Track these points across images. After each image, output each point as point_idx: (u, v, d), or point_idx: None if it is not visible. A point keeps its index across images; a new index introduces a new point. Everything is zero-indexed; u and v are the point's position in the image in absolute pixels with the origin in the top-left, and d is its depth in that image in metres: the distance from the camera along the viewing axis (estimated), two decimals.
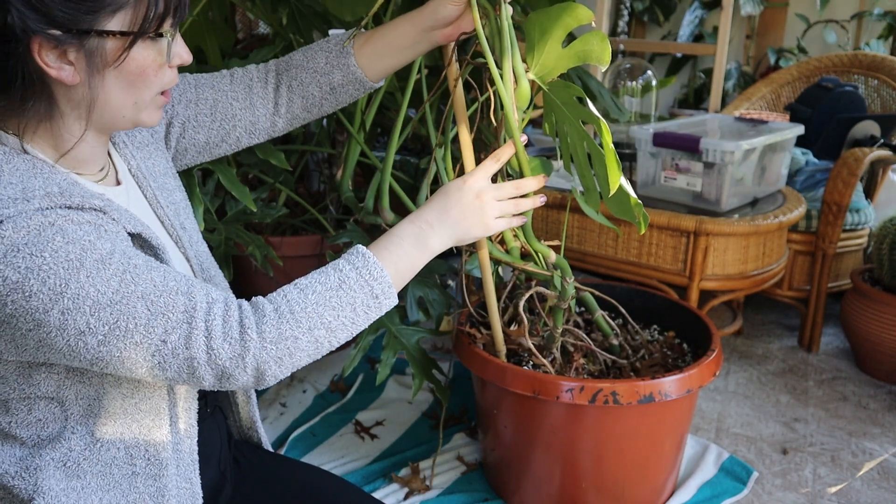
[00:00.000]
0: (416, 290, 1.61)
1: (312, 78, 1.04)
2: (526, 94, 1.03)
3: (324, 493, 1.03)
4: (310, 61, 1.04)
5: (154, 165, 0.96)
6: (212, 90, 1.03)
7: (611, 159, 0.95)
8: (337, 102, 1.07)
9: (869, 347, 1.97)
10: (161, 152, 0.99)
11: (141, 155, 0.94)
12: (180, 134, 1.02)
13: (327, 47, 1.04)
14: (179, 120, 1.01)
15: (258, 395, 1.87)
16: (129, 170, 0.92)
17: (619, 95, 2.19)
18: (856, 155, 1.99)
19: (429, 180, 1.45)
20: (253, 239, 1.75)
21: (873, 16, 3.22)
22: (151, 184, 0.93)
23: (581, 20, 0.98)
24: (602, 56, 0.99)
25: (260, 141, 1.10)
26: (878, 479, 1.58)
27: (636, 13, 3.76)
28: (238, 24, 2.85)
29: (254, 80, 1.05)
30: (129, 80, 0.79)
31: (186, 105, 1.01)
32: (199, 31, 1.76)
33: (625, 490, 1.37)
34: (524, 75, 1.02)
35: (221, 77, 1.05)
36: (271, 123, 1.07)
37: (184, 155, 1.05)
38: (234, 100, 1.04)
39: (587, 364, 1.44)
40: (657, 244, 1.80)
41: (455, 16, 0.99)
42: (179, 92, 1.01)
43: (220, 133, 1.05)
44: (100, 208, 0.76)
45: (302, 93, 1.05)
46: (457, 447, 1.64)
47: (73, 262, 0.71)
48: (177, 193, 0.98)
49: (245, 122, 1.05)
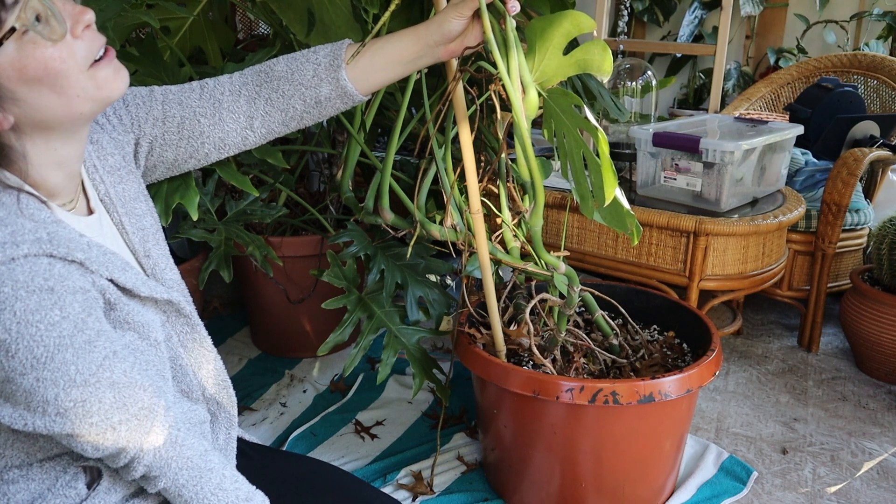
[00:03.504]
0: (416, 290, 1.61)
1: (296, 90, 1.01)
2: (534, 104, 1.03)
3: (332, 485, 1.03)
4: (295, 73, 1.01)
5: (125, 190, 0.93)
6: (179, 107, 1.00)
7: (607, 170, 0.96)
8: (319, 116, 1.04)
9: (868, 347, 1.97)
10: (132, 175, 0.96)
11: (111, 179, 0.92)
12: (148, 152, 1.00)
13: (315, 59, 1.01)
14: (147, 139, 0.99)
15: (257, 396, 1.88)
16: (99, 195, 0.90)
17: (619, 95, 2.19)
18: (855, 155, 1.99)
19: (428, 180, 1.45)
20: (253, 239, 1.75)
21: (873, 16, 3.22)
22: (119, 209, 0.91)
23: (582, 28, 0.98)
24: (602, 66, 0.99)
25: (230, 155, 1.07)
26: (877, 478, 1.59)
27: (636, 13, 3.76)
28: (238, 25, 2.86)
29: (224, 94, 1.01)
30: (43, 83, 0.74)
31: (153, 124, 0.98)
32: (199, 31, 1.77)
33: (625, 490, 1.37)
34: (532, 85, 1.02)
35: (191, 91, 1.01)
36: (242, 138, 1.04)
37: (153, 171, 1.03)
38: (201, 116, 1.00)
39: (587, 364, 1.44)
40: (657, 244, 1.80)
41: (460, 30, 0.97)
42: (146, 111, 0.98)
43: (188, 150, 1.02)
44: (81, 262, 0.76)
45: (282, 106, 1.02)
46: (457, 447, 1.64)
47: (64, 338, 0.72)
48: (146, 218, 0.96)
49: (213, 138, 1.02)
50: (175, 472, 0.81)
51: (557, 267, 1.31)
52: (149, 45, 1.46)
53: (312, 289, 1.94)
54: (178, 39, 1.75)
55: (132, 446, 0.78)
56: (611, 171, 0.96)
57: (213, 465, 0.84)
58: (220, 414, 0.99)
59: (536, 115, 1.05)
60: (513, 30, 0.99)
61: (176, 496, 0.82)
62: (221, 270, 1.67)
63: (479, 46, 1.00)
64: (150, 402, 0.78)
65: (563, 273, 1.32)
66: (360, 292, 1.59)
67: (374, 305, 1.57)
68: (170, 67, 1.47)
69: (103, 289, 0.79)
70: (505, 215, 1.45)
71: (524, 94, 1.02)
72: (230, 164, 1.41)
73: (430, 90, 1.61)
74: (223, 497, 0.83)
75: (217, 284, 2.43)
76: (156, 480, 0.81)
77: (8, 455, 0.81)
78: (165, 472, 0.81)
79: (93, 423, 0.75)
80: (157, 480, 0.81)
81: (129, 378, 0.77)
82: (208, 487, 0.83)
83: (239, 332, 2.23)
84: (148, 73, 1.43)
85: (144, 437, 0.78)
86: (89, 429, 0.75)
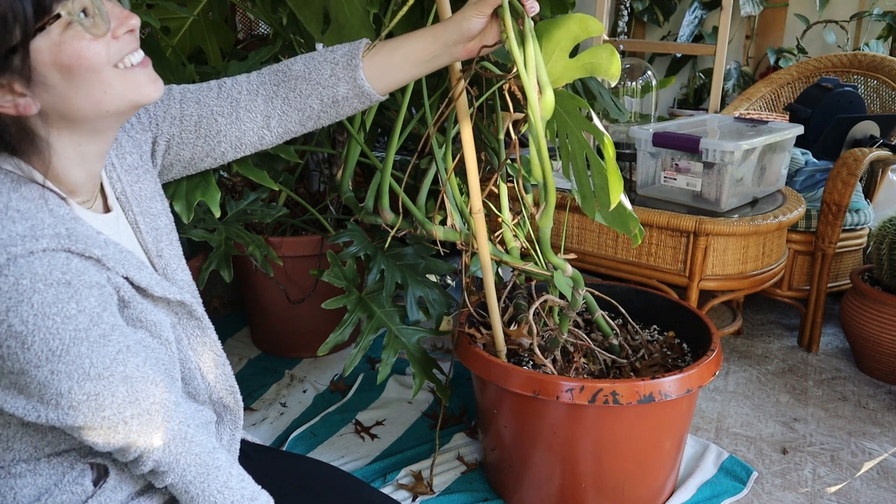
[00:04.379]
0: (416, 290, 1.61)
1: (314, 90, 1.01)
2: (551, 104, 1.02)
3: (331, 486, 1.03)
4: (312, 72, 1.01)
5: (141, 189, 0.94)
6: (196, 105, 1.00)
7: (613, 174, 0.96)
8: (337, 115, 1.04)
9: (868, 347, 1.97)
10: (149, 174, 0.97)
11: (129, 178, 0.92)
12: (165, 150, 1.00)
13: (332, 58, 1.01)
14: (164, 137, 0.99)
15: (257, 396, 1.88)
16: (115, 193, 0.91)
17: (619, 95, 2.19)
18: (855, 155, 1.99)
19: (428, 180, 1.45)
20: (253, 239, 1.75)
21: (873, 16, 3.22)
22: (135, 208, 0.92)
23: (591, 32, 0.98)
24: (610, 70, 0.98)
25: (247, 154, 1.07)
26: (877, 478, 1.59)
27: (636, 13, 3.76)
28: (238, 25, 2.86)
29: (242, 94, 1.02)
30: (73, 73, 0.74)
31: (171, 122, 0.99)
32: (199, 31, 1.77)
33: (625, 490, 1.37)
34: (549, 85, 1.01)
35: (209, 90, 1.02)
36: (259, 138, 1.04)
37: (169, 170, 1.04)
38: (218, 115, 1.01)
39: (587, 364, 1.44)
40: (657, 244, 1.81)
41: (479, 29, 0.97)
42: (164, 109, 0.98)
43: (204, 149, 1.02)
44: (97, 258, 0.76)
45: (300, 105, 1.02)
46: (457, 447, 1.65)
47: (79, 331, 0.72)
48: (161, 218, 0.96)
49: (231, 137, 1.02)
50: (183, 468, 0.82)
51: (565, 269, 1.30)
52: (151, 44, 1.46)
53: (312, 289, 1.94)
54: (178, 39, 1.75)
55: (142, 441, 0.79)
56: (617, 175, 0.95)
57: (221, 462, 0.85)
58: (225, 416, 0.99)
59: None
60: (531, 29, 0.98)
61: (183, 492, 0.83)
62: (221, 270, 1.66)
63: (496, 46, 0.99)
64: (161, 398, 0.79)
65: (569, 275, 1.32)
66: (360, 292, 1.59)
67: (374, 305, 1.57)
68: (173, 66, 1.47)
69: (118, 286, 0.79)
70: (505, 215, 1.45)
71: (541, 94, 1.02)
72: (247, 159, 1.42)
73: (430, 90, 1.61)
74: (229, 495, 0.84)
75: (217, 284, 2.43)
76: (164, 475, 0.82)
77: (16, 448, 0.81)
78: (174, 467, 0.81)
79: (105, 417, 0.75)
80: (165, 475, 0.82)
81: (142, 373, 0.78)
82: (215, 485, 0.83)
83: (239, 332, 2.23)
84: None
85: (155, 433, 0.79)
86: (101, 422, 0.75)
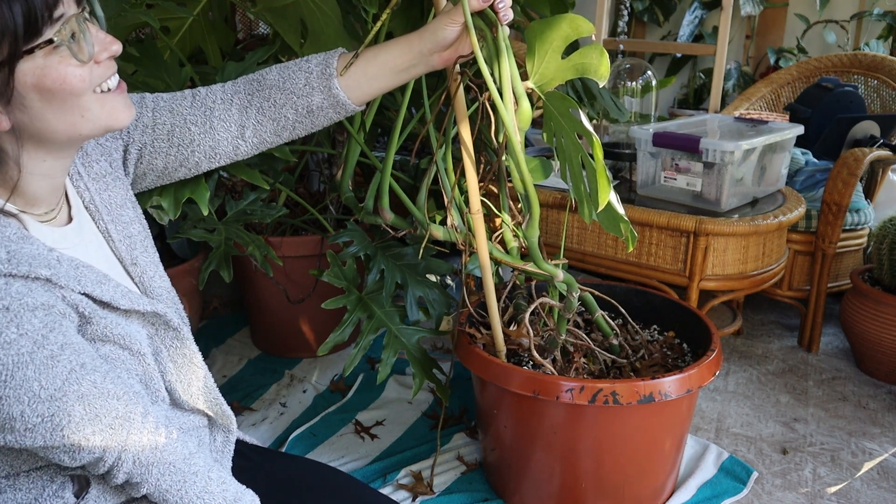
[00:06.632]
0: (416, 290, 1.61)
1: (288, 99, 1.00)
2: (527, 115, 1.02)
3: (330, 487, 1.03)
4: (286, 81, 1.00)
5: (111, 197, 0.92)
6: (170, 114, 0.99)
7: (601, 175, 0.95)
8: (312, 126, 1.03)
9: (869, 347, 1.97)
10: (120, 181, 0.95)
11: (96, 187, 0.91)
12: (137, 159, 0.99)
13: (307, 67, 1.00)
14: (136, 146, 0.98)
15: (257, 396, 1.88)
16: (83, 203, 0.90)
17: (619, 95, 2.19)
18: (855, 155, 1.99)
19: (428, 180, 1.45)
20: (253, 239, 1.75)
21: (873, 16, 3.22)
22: (105, 217, 0.90)
23: (581, 32, 0.98)
24: (599, 70, 0.99)
25: (221, 165, 1.06)
26: (877, 479, 1.59)
27: (636, 13, 3.76)
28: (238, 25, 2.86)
29: (216, 103, 1.01)
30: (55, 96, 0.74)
31: (143, 131, 0.98)
32: (199, 31, 1.76)
33: (625, 490, 1.37)
34: (525, 96, 1.01)
35: (182, 98, 1.01)
36: (233, 148, 1.03)
37: (143, 179, 1.03)
38: (192, 124, 1.00)
39: (587, 364, 1.44)
40: (657, 244, 1.80)
41: (454, 38, 0.96)
42: (136, 117, 0.97)
43: (178, 158, 1.01)
44: (46, 278, 0.75)
45: (274, 115, 1.01)
46: (457, 447, 1.64)
47: (23, 356, 0.71)
48: (134, 225, 0.95)
49: (204, 146, 1.01)
50: (157, 478, 0.81)
51: (556, 276, 1.31)
52: (149, 45, 1.46)
53: (312, 289, 1.94)
54: (177, 39, 1.75)
55: (109, 455, 0.78)
56: (605, 176, 0.95)
57: (198, 468, 0.84)
58: (216, 421, 0.98)
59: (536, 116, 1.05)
60: (505, 39, 0.98)
61: (161, 501, 0.82)
62: (221, 270, 1.66)
63: (471, 55, 0.99)
64: (124, 411, 0.78)
65: (561, 281, 1.32)
66: (360, 292, 1.59)
67: (374, 305, 1.57)
68: (170, 67, 1.47)
69: (75, 303, 0.78)
70: (505, 216, 1.45)
71: (517, 105, 1.01)
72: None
73: (430, 90, 1.61)
74: (209, 500, 0.83)
75: (217, 284, 2.42)
76: (138, 486, 0.81)
77: None
78: (147, 477, 0.80)
79: (64, 436, 0.74)
80: (139, 486, 0.81)
81: (101, 389, 0.76)
82: (193, 491, 0.82)
83: (239, 332, 2.23)
84: (148, 73, 1.43)
85: (122, 445, 0.78)
86: (62, 441, 0.74)
